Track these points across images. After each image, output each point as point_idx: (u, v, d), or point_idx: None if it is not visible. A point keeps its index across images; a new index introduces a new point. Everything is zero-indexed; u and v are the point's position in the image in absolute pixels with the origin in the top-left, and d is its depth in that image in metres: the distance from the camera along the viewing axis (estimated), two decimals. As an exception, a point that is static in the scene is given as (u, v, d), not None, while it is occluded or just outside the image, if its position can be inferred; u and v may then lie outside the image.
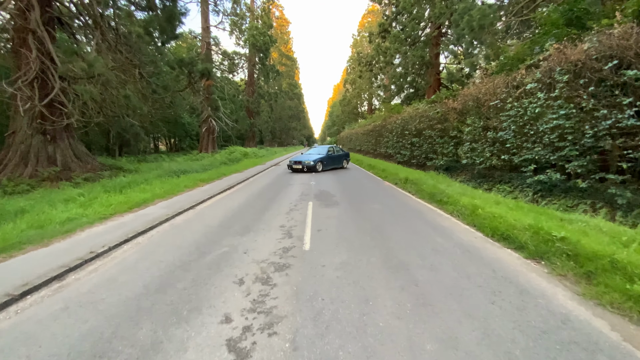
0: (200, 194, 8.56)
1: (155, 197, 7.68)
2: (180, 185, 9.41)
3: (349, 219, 5.64)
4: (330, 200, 7.58)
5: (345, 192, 8.86)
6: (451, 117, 12.36)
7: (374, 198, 7.88)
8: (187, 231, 5.08)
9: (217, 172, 12.80)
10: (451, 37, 25.19)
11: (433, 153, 14.31)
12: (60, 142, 12.90)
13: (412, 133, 15.88)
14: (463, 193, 7.38)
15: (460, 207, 5.99)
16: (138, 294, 2.97)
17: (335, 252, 3.93)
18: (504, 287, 3.05)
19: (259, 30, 33.75)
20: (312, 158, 14.64)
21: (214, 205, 7.32)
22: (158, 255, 4.01)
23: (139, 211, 6.46)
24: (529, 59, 9.52)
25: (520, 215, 5.16)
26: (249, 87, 39.26)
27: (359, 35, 55.81)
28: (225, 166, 15.58)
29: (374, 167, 15.07)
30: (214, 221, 5.68)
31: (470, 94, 10.88)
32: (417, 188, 8.56)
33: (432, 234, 4.80)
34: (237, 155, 19.88)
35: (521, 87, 8.35)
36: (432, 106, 14.25)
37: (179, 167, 12.20)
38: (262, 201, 7.57)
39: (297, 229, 4.98)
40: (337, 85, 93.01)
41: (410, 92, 29.15)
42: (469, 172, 11.79)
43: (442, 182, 9.30)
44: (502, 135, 8.77)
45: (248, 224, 5.34)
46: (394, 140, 19.48)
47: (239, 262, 3.67)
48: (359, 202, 7.27)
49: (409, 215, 5.98)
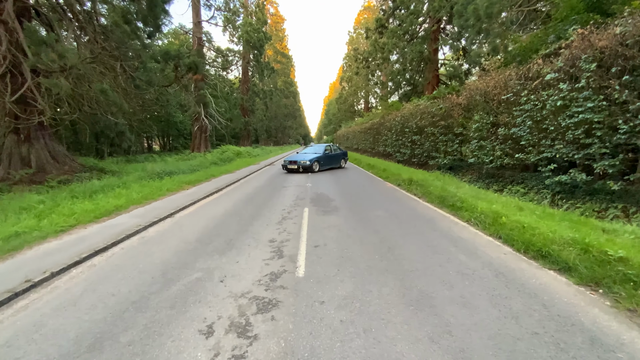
0: (183, 198, 7.67)
1: (131, 203, 6.78)
2: (163, 188, 8.51)
3: (351, 230, 4.80)
4: (329, 205, 6.74)
5: (344, 195, 8.02)
6: (456, 113, 11.57)
7: (377, 202, 7.05)
8: (156, 248, 4.21)
9: (206, 174, 11.89)
10: (450, 32, 24.50)
11: (435, 151, 13.54)
12: (35, 142, 11.91)
13: (412, 130, 15.09)
14: (477, 196, 6.59)
15: (478, 214, 5.19)
16: (64, 354, 2.11)
17: (337, 279, 3.09)
18: (568, 335, 2.24)
19: (253, 26, 32.83)
20: (308, 157, 13.76)
21: (196, 212, 6.44)
22: (111, 285, 3.14)
23: (108, 221, 5.56)
24: (544, 48, 8.76)
25: (552, 224, 4.36)
26: (243, 84, 38.28)
27: (354, 32, 54.98)
28: (215, 167, 14.65)
29: (373, 167, 14.26)
30: (192, 234, 4.81)
31: (478, 88, 10.10)
32: (424, 190, 7.75)
33: (452, 249, 3.99)
34: (229, 154, 18.93)
35: (538, 78, 7.57)
36: (434, 102, 13.46)
37: (165, 168, 11.27)
38: (251, 207, 6.70)
39: (289, 245, 4.12)
40: (333, 84, 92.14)
41: (408, 89, 28.36)
42: (475, 172, 11.02)
43: (449, 183, 8.51)
44: (516, 132, 7.99)
45: (232, 238, 4.48)
46: (393, 139, 18.69)
47: (212, 296, 2.82)
48: (361, 208, 6.44)
49: (420, 224, 5.16)
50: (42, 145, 11.98)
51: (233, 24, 34.09)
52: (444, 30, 24.80)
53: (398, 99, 29.64)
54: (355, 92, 52.39)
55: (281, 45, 65.27)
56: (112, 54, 11.99)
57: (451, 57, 26.98)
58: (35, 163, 11.77)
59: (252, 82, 39.12)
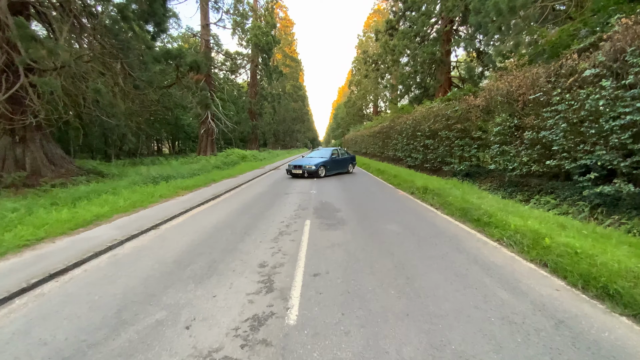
0: (175, 206, 7.00)
1: (116, 211, 6.13)
2: (156, 194, 7.87)
3: (360, 251, 4.01)
4: (334, 217, 5.96)
5: (352, 204, 7.23)
6: (473, 115, 10.69)
7: (390, 214, 6.24)
8: (125, 271, 3.50)
9: (206, 178, 11.25)
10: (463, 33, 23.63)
11: (450, 156, 12.65)
12: (30, 143, 11.48)
13: (425, 134, 14.22)
14: (504, 209, 5.71)
15: (511, 232, 4.33)
16: None
17: (341, 329, 2.30)
18: None
19: (262, 29, 32.58)
20: (314, 162, 13.00)
21: (185, 223, 5.74)
22: (49, 327, 2.43)
23: (83, 233, 4.90)
24: (576, 43, 7.88)
25: (610, 249, 3.50)
26: (251, 88, 37.99)
27: (364, 36, 54.43)
28: (218, 171, 14.03)
29: (383, 172, 13.42)
30: (172, 252, 4.09)
31: (499, 88, 9.23)
32: (442, 200, 6.90)
33: (487, 280, 3.16)
34: (233, 158, 18.33)
35: (573, 75, 6.70)
36: (448, 104, 12.60)
37: (162, 172, 10.68)
38: (246, 218, 5.96)
39: (283, 272, 3.35)
40: (342, 88, 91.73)
41: (418, 92, 27.43)
42: (496, 180, 10.10)
43: (469, 192, 7.64)
44: (546, 136, 7.09)
45: (215, 259, 3.74)
46: (403, 143, 17.83)
47: (168, 354, 2.07)
48: (370, 220, 5.64)
49: (442, 244, 4.33)
50: (38, 147, 11.55)
51: (242, 27, 33.96)
52: (457, 31, 23.98)
53: (408, 102, 28.80)
54: (364, 96, 51.70)
55: (290, 49, 65.20)
56: (111, 52, 11.55)
57: (464, 58, 26.07)
58: (29, 166, 11.34)
59: (260, 86, 38.84)
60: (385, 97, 49.29)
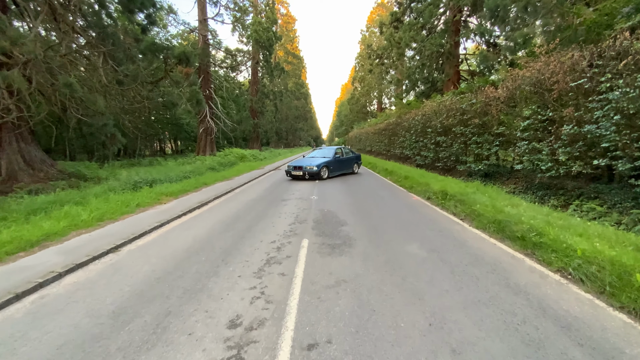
0: (151, 218, 5.94)
1: (75, 227, 5.09)
2: (132, 203, 6.81)
3: (376, 293, 2.89)
4: (339, 233, 4.84)
5: (360, 214, 6.10)
6: (493, 109, 9.49)
7: (407, 228, 5.11)
8: (39, 331, 2.42)
9: (197, 182, 10.19)
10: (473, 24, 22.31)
11: (465, 155, 11.48)
12: (6, 146, 10.51)
13: (436, 131, 13.03)
14: (553, 222, 4.54)
15: (580, 263, 3.19)
16: None
17: None
18: None
19: (263, 25, 31.54)
20: (316, 162, 11.85)
21: (153, 243, 4.66)
22: None
23: (20, 260, 3.84)
24: (623, 22, 6.66)
25: None
26: (252, 86, 36.93)
27: (367, 31, 53.05)
28: (212, 172, 12.96)
29: (392, 173, 12.25)
30: (117, 293, 3.01)
31: (525, 77, 8.04)
32: (468, 209, 5.74)
33: (577, 354, 2.03)
34: (231, 158, 17.26)
35: (626, 56, 5.50)
36: (463, 97, 11.40)
37: (149, 176, 9.64)
38: (230, 236, 4.87)
39: (261, 341, 2.21)
40: (345, 85, 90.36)
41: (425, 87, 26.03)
42: (521, 181, 8.91)
43: (498, 198, 6.46)
44: (592, 130, 5.90)
45: (170, 310, 2.65)
46: (412, 140, 16.65)
47: None
48: (385, 239, 4.52)
49: (485, 277, 3.20)
50: (15, 150, 10.57)
51: (242, 23, 32.97)
52: (466, 22, 22.71)
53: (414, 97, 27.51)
54: (368, 93, 50.45)
55: (292, 46, 63.98)
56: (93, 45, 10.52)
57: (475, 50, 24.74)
58: (5, 170, 10.39)
59: (261, 83, 37.75)
60: (389, 94, 47.98)
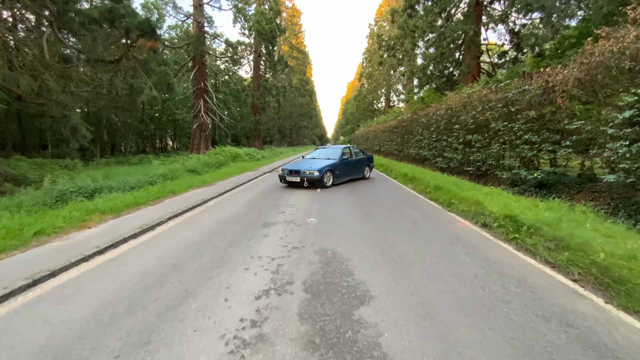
0: (28, 265, 3.59)
1: None
2: (35, 226, 4.47)
3: None
4: (356, 336, 2.42)
5: (389, 264, 3.63)
6: (559, 97, 6.95)
7: (483, 309, 2.68)
8: None
9: (162, 189, 7.82)
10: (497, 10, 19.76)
11: (509, 157, 8.98)
12: None
13: (466, 127, 10.50)
14: None
15: None
16: None
17: None
18: None
19: (265, 16, 29.19)
20: (317, 165, 9.30)
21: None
22: None
23: None
24: None
25: None
26: (254, 80, 34.51)
27: (376, 25, 50.27)
28: (190, 176, 10.58)
29: (414, 180, 9.72)
30: None
31: (611, 52, 5.53)
32: (581, 259, 3.28)
33: None
34: (220, 158, 14.85)
35: None
36: (508, 84, 8.84)
37: (98, 182, 7.32)
38: (122, 340, 2.49)
39: None
40: (351, 82, 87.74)
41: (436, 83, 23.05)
42: (603, 196, 6.35)
43: (601, 228, 3.96)
44: None
45: None
46: (431, 139, 14.12)
47: None
48: (453, 347, 2.11)
49: None
50: None
51: (244, 13, 30.66)
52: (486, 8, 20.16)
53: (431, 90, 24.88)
54: (375, 90, 47.87)
55: (297, 41, 61.42)
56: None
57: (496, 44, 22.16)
58: None
59: (264, 78, 35.34)
60: (398, 91, 45.36)
